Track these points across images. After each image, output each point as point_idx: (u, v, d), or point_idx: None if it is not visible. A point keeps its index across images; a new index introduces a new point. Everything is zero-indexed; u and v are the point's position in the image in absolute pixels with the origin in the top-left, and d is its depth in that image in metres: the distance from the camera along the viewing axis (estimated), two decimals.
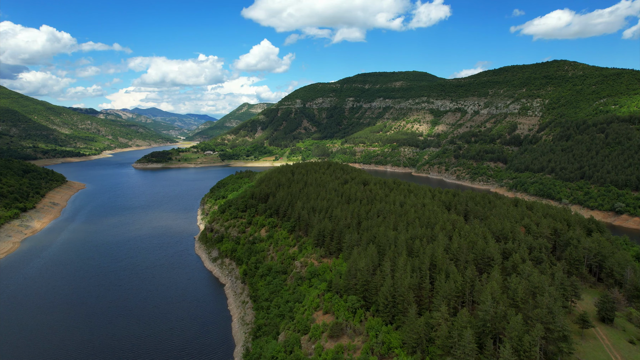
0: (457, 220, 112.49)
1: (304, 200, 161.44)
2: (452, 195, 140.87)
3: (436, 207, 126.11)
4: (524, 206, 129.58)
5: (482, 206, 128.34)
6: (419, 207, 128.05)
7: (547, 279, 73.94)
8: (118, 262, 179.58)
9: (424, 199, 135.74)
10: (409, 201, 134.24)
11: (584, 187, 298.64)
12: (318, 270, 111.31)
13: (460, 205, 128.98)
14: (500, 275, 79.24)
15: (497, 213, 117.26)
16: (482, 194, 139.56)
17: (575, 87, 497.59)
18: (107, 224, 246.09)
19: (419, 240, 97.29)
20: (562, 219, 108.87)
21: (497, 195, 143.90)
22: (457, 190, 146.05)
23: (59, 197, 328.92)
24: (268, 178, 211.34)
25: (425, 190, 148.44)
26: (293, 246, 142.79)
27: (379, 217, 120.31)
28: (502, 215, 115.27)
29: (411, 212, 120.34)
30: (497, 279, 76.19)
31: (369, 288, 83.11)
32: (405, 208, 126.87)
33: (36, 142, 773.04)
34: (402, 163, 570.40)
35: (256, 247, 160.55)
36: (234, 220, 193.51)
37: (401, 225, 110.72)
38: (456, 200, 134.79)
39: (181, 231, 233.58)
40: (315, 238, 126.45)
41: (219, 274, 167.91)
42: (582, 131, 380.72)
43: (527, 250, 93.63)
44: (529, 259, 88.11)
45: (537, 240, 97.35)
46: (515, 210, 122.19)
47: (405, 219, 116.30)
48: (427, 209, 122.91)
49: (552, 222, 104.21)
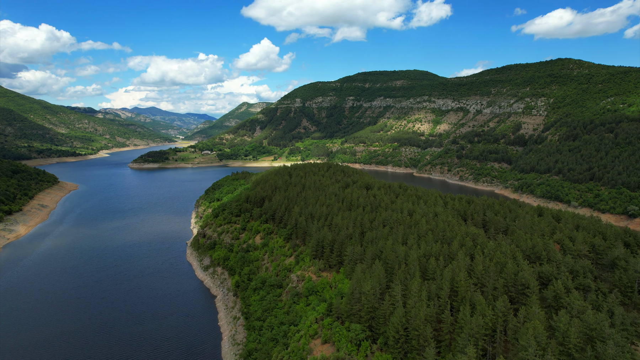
0: (477, 234, 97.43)
1: (302, 205, 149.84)
2: (467, 203, 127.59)
3: (450, 217, 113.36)
4: (550, 216, 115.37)
5: (502, 216, 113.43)
6: (430, 216, 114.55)
7: (605, 319, 58.63)
8: (103, 271, 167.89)
9: (435, 207, 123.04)
10: (419, 209, 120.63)
11: (593, 189, 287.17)
12: (316, 287, 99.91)
13: (477, 215, 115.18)
14: (541, 310, 64.51)
15: (522, 225, 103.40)
16: (500, 201, 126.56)
17: (580, 86, 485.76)
18: (96, 229, 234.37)
19: (435, 259, 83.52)
20: (595, 232, 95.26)
21: (517, 203, 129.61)
22: (471, 197, 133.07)
23: (49, 198, 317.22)
24: (264, 180, 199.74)
25: (435, 196, 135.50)
26: (289, 256, 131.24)
27: (384, 227, 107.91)
28: (528, 228, 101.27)
29: (422, 222, 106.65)
30: (538, 316, 61.80)
31: (376, 316, 70.84)
32: (415, 218, 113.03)
33: (31, 141, 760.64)
34: (403, 163, 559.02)
35: (250, 255, 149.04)
36: (228, 225, 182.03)
37: (411, 238, 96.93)
38: (472, 209, 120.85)
39: (173, 236, 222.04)
40: (314, 249, 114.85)
41: (210, 284, 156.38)
42: (589, 131, 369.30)
43: (568, 275, 76.75)
44: (574, 288, 72.12)
45: (579, 262, 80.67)
46: (541, 221, 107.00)
47: (415, 231, 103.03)
48: (441, 219, 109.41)
49: (588, 236, 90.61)
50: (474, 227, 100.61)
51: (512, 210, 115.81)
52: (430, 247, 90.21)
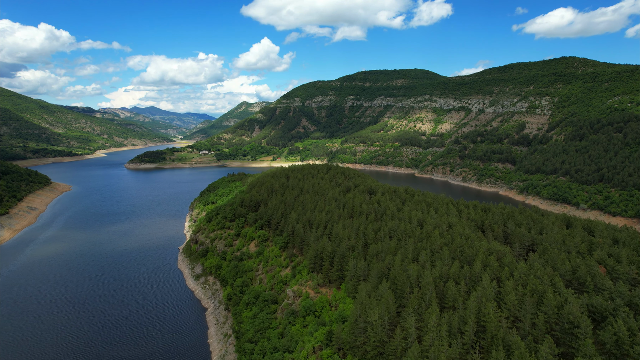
0: (502, 251, 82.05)
1: (299, 211, 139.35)
2: (483, 211, 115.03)
3: (467, 228, 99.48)
4: (580, 227, 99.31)
5: (525, 227, 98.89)
6: (444, 228, 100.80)
7: None
8: (88, 280, 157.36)
9: (448, 217, 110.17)
10: (430, 219, 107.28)
11: (603, 190, 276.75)
12: (315, 305, 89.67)
13: (497, 226, 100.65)
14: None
15: (552, 240, 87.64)
16: (520, 210, 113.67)
17: (586, 85, 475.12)
18: (84, 233, 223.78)
19: (454, 283, 70.00)
20: (637, 246, 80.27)
21: (538, 210, 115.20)
22: (487, 205, 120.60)
23: (39, 200, 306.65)
24: (260, 183, 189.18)
25: (446, 202, 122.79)
26: (285, 267, 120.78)
27: (391, 239, 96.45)
28: (559, 243, 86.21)
29: (435, 235, 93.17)
30: None
31: (385, 352, 59.60)
32: (427, 229, 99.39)
33: (27, 141, 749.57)
34: (404, 164, 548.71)
35: (243, 265, 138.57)
36: (221, 231, 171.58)
37: (424, 254, 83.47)
38: (490, 219, 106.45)
39: (166, 241, 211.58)
40: (312, 261, 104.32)
41: (201, 295, 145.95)
42: (596, 130, 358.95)
43: (628, 311, 58.53)
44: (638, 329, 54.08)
45: (637, 292, 61.73)
46: (573, 235, 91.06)
47: (428, 245, 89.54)
48: (457, 232, 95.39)
49: (632, 253, 75.78)
50: (495, 242, 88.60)
51: (536, 221, 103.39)
52: (447, 267, 77.48)
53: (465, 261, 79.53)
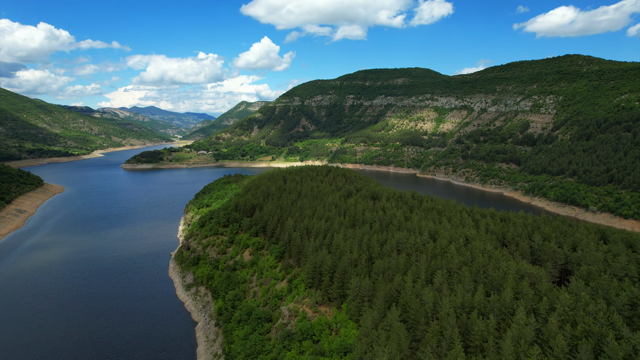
0: (536, 275, 67.17)
1: (297, 217, 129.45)
2: (502, 222, 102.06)
3: (487, 242, 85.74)
4: (620, 241, 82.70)
5: (555, 242, 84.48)
6: (461, 242, 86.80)
7: None
8: (72, 291, 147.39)
9: (464, 228, 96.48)
10: (443, 231, 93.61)
11: (613, 192, 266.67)
12: (313, 328, 79.93)
13: (521, 240, 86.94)
14: None
15: (591, 259, 72.67)
16: (544, 219, 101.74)
17: (591, 83, 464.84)
18: (73, 239, 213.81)
19: (479, 315, 57.44)
20: None
21: (565, 221, 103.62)
22: (507, 213, 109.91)
23: (29, 203, 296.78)
24: (256, 186, 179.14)
25: (459, 210, 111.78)
26: (281, 280, 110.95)
27: (399, 253, 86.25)
28: (601, 262, 71.83)
29: (451, 251, 79.37)
30: None
31: None
32: (441, 244, 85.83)
33: (23, 141, 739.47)
34: (405, 164, 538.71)
35: (237, 275, 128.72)
36: (214, 237, 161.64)
37: (440, 275, 70.41)
38: (513, 231, 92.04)
39: (158, 247, 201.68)
40: (310, 275, 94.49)
41: (191, 307, 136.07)
42: (604, 130, 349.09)
43: None
44: None
45: None
46: (615, 251, 76.95)
47: (443, 263, 76.20)
48: (476, 247, 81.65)
49: None
50: (524, 261, 73.48)
51: (566, 234, 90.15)
52: (469, 293, 64.47)
53: (491, 286, 67.68)
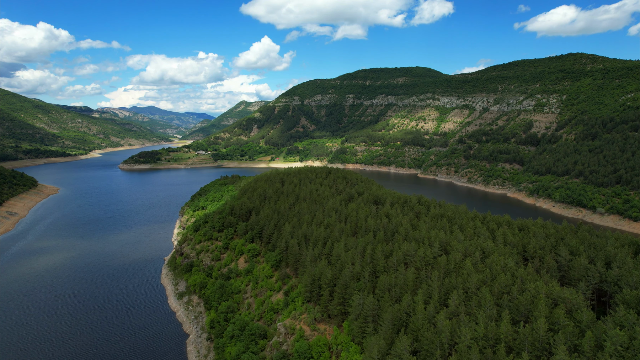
0: (572, 301, 56.68)
1: (294, 223, 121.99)
2: (520, 230, 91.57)
3: (508, 257, 74.97)
4: None
5: (585, 257, 72.71)
6: (477, 255, 76.25)
7: None
8: (56, 301, 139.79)
9: (478, 239, 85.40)
10: (456, 242, 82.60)
11: (621, 193, 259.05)
12: (311, 350, 72.56)
13: (546, 254, 75.48)
14: None
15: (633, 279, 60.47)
16: (566, 227, 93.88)
17: (595, 82, 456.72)
18: (63, 243, 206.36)
19: (509, 353, 48.84)
20: None
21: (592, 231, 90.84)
22: (524, 221, 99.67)
23: (22, 204, 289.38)
24: (252, 188, 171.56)
25: (471, 218, 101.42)
26: (277, 291, 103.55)
27: (407, 267, 78.68)
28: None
29: (467, 267, 69.54)
30: None
31: None
32: (454, 257, 75.45)
33: (20, 141, 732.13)
34: (406, 164, 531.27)
35: (231, 285, 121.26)
36: (208, 242, 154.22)
37: (455, 297, 60.73)
38: (535, 244, 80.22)
39: (151, 251, 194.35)
40: (308, 288, 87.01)
41: (183, 317, 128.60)
42: (610, 129, 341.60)
43: None
44: None
45: None
46: None
47: (459, 282, 65.97)
48: (495, 263, 71.12)
49: None
50: (554, 281, 63.65)
51: (595, 246, 78.38)
52: (492, 320, 54.05)
53: (518, 312, 57.18)
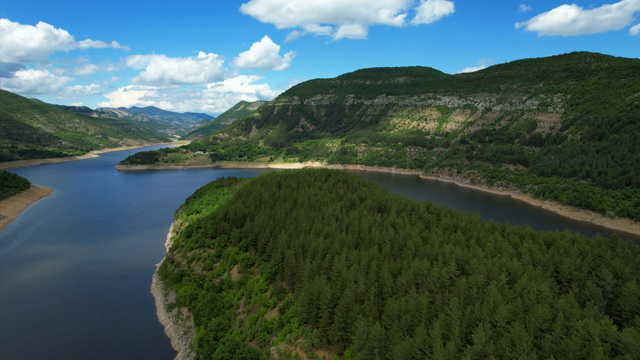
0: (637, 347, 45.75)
1: (291, 231, 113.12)
2: (546, 245, 79.71)
3: (541, 281, 63.41)
4: None
5: (635, 282, 61.15)
6: (503, 278, 64.36)
7: None
8: (36, 315, 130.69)
9: (501, 256, 73.67)
10: (476, 260, 71.20)
11: (632, 195, 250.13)
12: None
13: (584, 276, 64.23)
14: None
15: None
16: (601, 241, 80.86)
17: (601, 81, 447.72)
18: (51, 249, 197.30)
19: None
20: None
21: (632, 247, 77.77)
22: (550, 234, 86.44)
23: (11, 207, 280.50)
24: (247, 192, 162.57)
25: (489, 229, 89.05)
26: (272, 308, 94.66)
27: (419, 290, 67.30)
28: None
29: (492, 292, 58.77)
30: None
31: None
32: (476, 280, 64.30)
33: (16, 142, 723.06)
34: (408, 165, 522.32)
35: (222, 298, 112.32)
36: (200, 249, 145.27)
37: (481, 332, 50.40)
38: (569, 262, 68.77)
39: (143, 258, 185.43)
40: (305, 308, 78.00)
41: (172, 332, 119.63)
42: (617, 129, 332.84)
43: None
44: None
45: None
46: None
47: (484, 312, 55.33)
48: (527, 289, 59.99)
49: None
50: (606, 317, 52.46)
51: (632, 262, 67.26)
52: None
53: (564, 357, 46.37)
